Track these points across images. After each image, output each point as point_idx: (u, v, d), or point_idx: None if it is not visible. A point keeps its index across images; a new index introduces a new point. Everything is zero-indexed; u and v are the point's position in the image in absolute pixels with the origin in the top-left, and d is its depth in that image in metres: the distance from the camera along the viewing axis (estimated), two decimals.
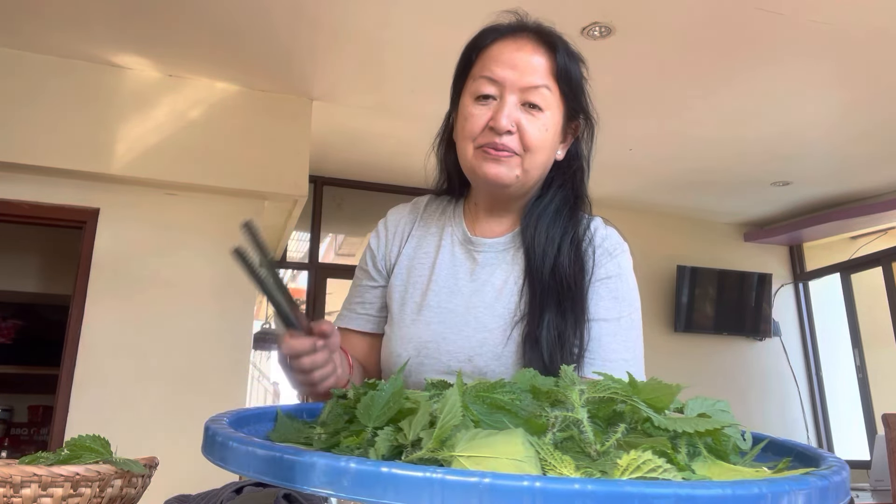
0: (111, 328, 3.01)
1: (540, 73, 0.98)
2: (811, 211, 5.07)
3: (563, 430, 0.52)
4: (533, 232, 1.02)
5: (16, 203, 3.05)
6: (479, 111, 0.98)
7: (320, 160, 4.24)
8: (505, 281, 1.02)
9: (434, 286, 1.05)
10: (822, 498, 0.44)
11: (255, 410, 0.67)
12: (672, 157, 4.19)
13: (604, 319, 0.99)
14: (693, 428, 0.51)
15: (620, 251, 1.04)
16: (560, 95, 1.00)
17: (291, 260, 4.79)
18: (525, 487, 0.37)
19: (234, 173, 3.28)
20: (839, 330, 5.21)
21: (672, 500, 0.39)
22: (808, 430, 5.16)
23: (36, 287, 4.50)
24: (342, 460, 0.41)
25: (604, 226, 1.07)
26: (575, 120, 1.05)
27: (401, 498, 0.39)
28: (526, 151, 0.97)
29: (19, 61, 3.07)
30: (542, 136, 0.98)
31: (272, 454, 0.45)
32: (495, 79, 0.97)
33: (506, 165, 0.98)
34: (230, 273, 3.25)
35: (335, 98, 3.52)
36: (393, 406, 0.57)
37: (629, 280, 1.03)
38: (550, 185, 1.05)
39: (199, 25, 2.87)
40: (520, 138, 0.97)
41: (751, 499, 0.40)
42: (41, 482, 0.75)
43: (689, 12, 2.72)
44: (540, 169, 1.01)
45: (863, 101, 3.45)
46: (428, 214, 1.14)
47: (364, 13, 2.75)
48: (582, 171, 1.08)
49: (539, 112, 0.97)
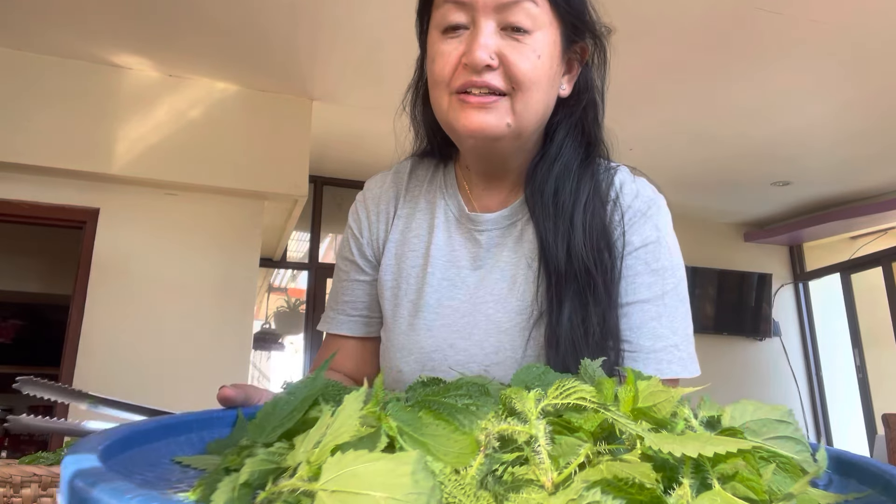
0: (111, 328, 3.00)
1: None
2: (811, 211, 5.07)
3: (511, 447, 0.40)
4: (539, 200, 0.81)
5: (16, 203, 3.05)
6: (448, 46, 0.76)
7: (320, 160, 4.24)
8: (516, 265, 0.83)
9: (431, 279, 0.86)
10: None
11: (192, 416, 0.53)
12: (672, 157, 4.19)
13: (644, 301, 0.80)
14: (697, 451, 0.35)
15: (656, 209, 0.83)
16: (552, 9, 0.77)
17: (291, 260, 4.79)
18: None
19: (234, 173, 3.28)
20: (839, 330, 5.20)
21: None
22: (809, 431, 5.16)
23: (36, 287, 4.50)
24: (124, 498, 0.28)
25: (632, 178, 0.86)
26: (579, 41, 0.83)
27: None
28: (516, 89, 0.75)
29: (19, 61, 3.07)
30: (533, 65, 0.75)
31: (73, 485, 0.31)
32: (461, 0, 0.75)
33: (492, 112, 0.75)
34: (230, 273, 3.25)
35: (335, 98, 3.52)
36: (295, 415, 0.46)
37: (669, 243, 0.83)
38: (556, 132, 0.83)
39: (199, 25, 2.87)
40: (504, 73, 0.75)
41: None
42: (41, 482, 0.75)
43: (690, 12, 2.72)
44: (537, 110, 0.78)
45: (863, 101, 3.45)
46: (414, 185, 0.93)
47: (364, 13, 2.75)
48: (595, 106, 0.86)
49: (525, 35, 0.75)
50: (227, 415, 0.56)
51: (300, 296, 4.82)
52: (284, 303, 4.91)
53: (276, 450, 0.42)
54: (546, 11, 0.76)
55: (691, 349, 0.83)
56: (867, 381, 4.96)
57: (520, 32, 0.75)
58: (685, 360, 0.81)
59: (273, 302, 5.26)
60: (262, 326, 4.71)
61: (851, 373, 5.06)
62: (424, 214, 0.90)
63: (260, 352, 5.06)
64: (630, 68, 3.16)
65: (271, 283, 5.48)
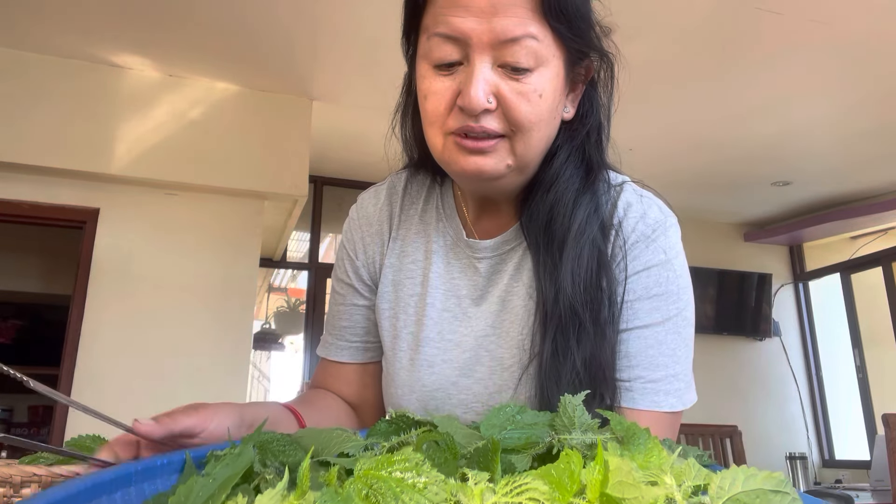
0: (111, 328, 3.00)
1: (518, 14, 0.66)
2: (811, 211, 5.06)
3: None
4: (532, 229, 0.76)
5: (16, 203, 3.05)
6: (441, 85, 0.69)
7: (320, 160, 4.24)
8: (516, 296, 0.78)
9: (430, 310, 0.81)
10: None
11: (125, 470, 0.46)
12: (672, 157, 4.19)
13: (643, 327, 0.74)
14: None
15: (662, 231, 0.77)
16: (555, 40, 0.69)
17: (291, 260, 4.79)
18: None
19: (234, 173, 3.28)
20: (839, 330, 5.20)
21: None
22: (809, 431, 5.16)
23: (36, 287, 4.50)
24: None
25: (638, 199, 0.79)
26: (584, 61, 0.76)
27: None
28: (516, 131, 0.69)
29: (19, 61, 3.07)
30: (534, 106, 0.69)
31: None
32: (455, 35, 0.67)
33: (491, 156, 0.70)
34: (230, 273, 3.25)
35: (335, 98, 3.52)
36: (215, 499, 0.40)
37: (676, 266, 0.76)
38: (555, 156, 0.77)
39: (199, 25, 2.87)
40: (503, 114, 0.68)
41: None
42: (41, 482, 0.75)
43: (690, 12, 2.72)
44: (540, 146, 0.73)
45: (863, 101, 3.45)
46: (409, 202, 0.87)
47: (364, 13, 2.75)
48: (598, 128, 0.81)
49: (526, 74, 0.68)
50: (174, 460, 0.49)
51: (300, 296, 4.82)
52: (284, 303, 4.91)
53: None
54: (548, 44, 0.69)
55: (689, 376, 0.78)
56: (867, 381, 4.95)
57: (520, 72, 0.68)
58: (682, 391, 0.76)
59: (273, 302, 5.26)
60: (262, 326, 4.71)
61: (851, 373, 5.06)
62: (421, 238, 0.85)
63: (260, 352, 5.06)
64: (630, 68, 3.15)
65: (271, 283, 5.48)
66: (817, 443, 5.17)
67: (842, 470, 4.70)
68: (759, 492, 0.36)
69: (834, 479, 4.26)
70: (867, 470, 3.92)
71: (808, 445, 5.07)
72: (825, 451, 5.15)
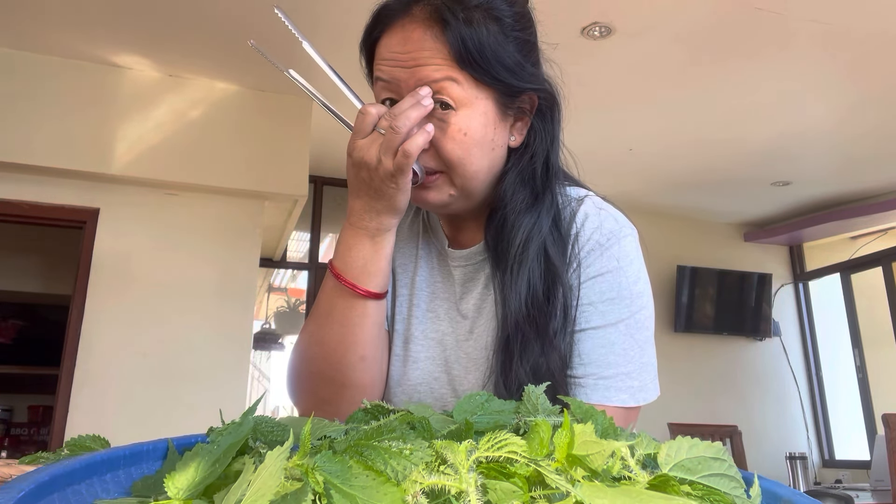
0: (111, 328, 3.00)
1: (435, 62, 0.75)
2: (811, 211, 5.06)
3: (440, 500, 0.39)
4: (493, 254, 0.84)
5: (16, 203, 3.05)
6: None
7: (320, 160, 4.24)
8: (487, 301, 0.86)
9: (416, 310, 0.90)
10: None
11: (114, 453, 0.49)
12: (672, 157, 4.19)
13: (595, 328, 0.80)
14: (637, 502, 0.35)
15: (616, 240, 0.82)
16: (476, 84, 0.76)
17: (291, 260, 4.79)
18: None
19: (234, 173, 3.28)
20: (839, 330, 5.20)
21: None
22: (809, 431, 5.16)
23: (36, 287, 4.49)
24: None
25: (596, 212, 0.84)
26: (521, 95, 0.81)
27: None
28: (448, 167, 0.77)
29: (19, 61, 3.07)
30: (461, 143, 0.76)
31: None
32: (389, 79, 0.80)
33: (432, 190, 0.79)
34: (230, 273, 3.25)
35: (335, 98, 3.51)
36: (217, 469, 0.42)
37: (629, 272, 0.81)
38: (503, 181, 0.83)
39: (199, 25, 2.87)
40: (435, 153, 0.76)
41: None
42: None
43: (689, 12, 2.72)
44: (478, 175, 0.79)
45: (863, 101, 3.45)
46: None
47: (364, 13, 2.75)
48: (542, 153, 0.84)
49: (450, 113, 0.75)
50: (158, 447, 0.53)
51: (300, 296, 4.82)
52: (284, 303, 4.91)
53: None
54: (470, 87, 0.76)
55: (646, 378, 0.82)
56: (867, 381, 4.95)
57: (445, 109, 0.75)
58: (635, 389, 0.80)
59: (273, 302, 5.26)
60: (262, 326, 4.71)
61: (851, 373, 5.06)
62: (410, 245, 0.93)
63: (260, 352, 5.06)
64: (630, 68, 3.16)
65: (271, 283, 5.48)
66: (817, 443, 5.17)
67: (842, 470, 4.70)
68: (701, 458, 0.42)
69: (834, 479, 4.26)
70: (867, 470, 3.92)
71: (808, 445, 5.07)
72: (825, 451, 5.15)
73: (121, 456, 0.48)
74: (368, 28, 0.87)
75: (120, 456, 0.48)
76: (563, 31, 2.83)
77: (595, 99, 3.43)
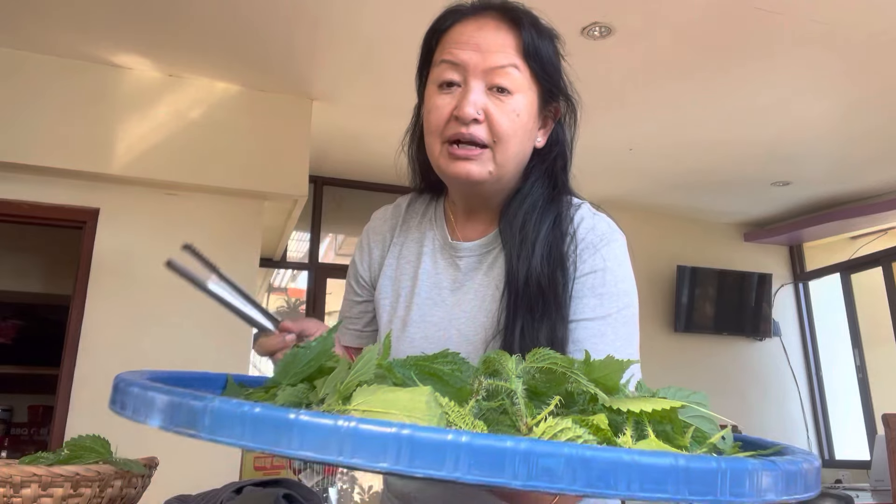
0: (111, 328, 3.01)
1: (505, 51, 0.89)
2: (811, 211, 5.07)
3: (494, 399, 0.50)
4: (509, 229, 0.94)
5: (16, 203, 3.05)
6: (442, 101, 0.90)
7: (320, 160, 4.24)
8: (487, 287, 0.96)
9: (417, 299, 0.99)
10: (787, 482, 0.42)
11: (196, 374, 0.63)
12: (672, 157, 4.19)
13: (587, 319, 0.90)
14: (639, 408, 0.47)
15: (605, 242, 0.93)
16: (531, 75, 0.91)
17: (291, 260, 4.79)
18: (392, 434, 0.36)
19: (234, 173, 3.28)
20: (839, 330, 5.20)
21: (562, 461, 0.36)
22: (809, 430, 5.16)
23: (36, 287, 4.50)
24: (244, 405, 0.39)
25: (591, 215, 0.96)
26: (553, 102, 0.97)
27: (306, 447, 0.37)
28: (496, 141, 0.89)
29: (19, 61, 3.07)
30: (512, 122, 0.89)
31: (171, 399, 0.43)
32: (457, 62, 0.89)
33: (476, 162, 0.90)
34: (230, 273, 3.24)
35: (335, 98, 3.52)
36: (313, 364, 0.56)
37: (617, 272, 0.92)
38: (529, 175, 0.97)
39: (199, 25, 2.87)
40: (488, 127, 0.89)
41: (705, 473, 0.38)
42: (41, 482, 0.75)
43: (689, 12, 2.72)
44: (515, 160, 0.92)
45: (863, 101, 3.45)
46: (409, 217, 1.08)
47: (364, 13, 2.75)
48: (563, 157, 0.99)
49: (508, 96, 0.89)
50: (221, 377, 0.66)
51: (300, 296, 4.82)
52: (284, 303, 4.92)
53: (300, 389, 0.50)
54: (526, 77, 0.91)
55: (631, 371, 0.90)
56: (867, 381, 4.96)
57: (504, 93, 0.89)
58: None
59: (273, 302, 5.26)
60: None
61: (851, 373, 5.06)
62: (415, 244, 1.04)
63: None
64: (630, 68, 3.16)
65: (271, 283, 5.48)
66: (817, 443, 5.17)
67: (842, 470, 4.69)
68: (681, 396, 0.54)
69: (834, 479, 4.26)
70: (867, 470, 3.92)
71: (808, 445, 5.07)
72: (825, 451, 5.15)
73: (196, 378, 0.61)
74: (439, 20, 0.96)
75: (195, 378, 0.61)
76: (563, 31, 2.83)
77: (595, 99, 3.43)
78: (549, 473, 0.37)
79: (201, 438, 0.41)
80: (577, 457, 0.37)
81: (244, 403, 0.39)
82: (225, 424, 0.40)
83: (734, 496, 0.39)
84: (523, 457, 0.37)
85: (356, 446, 0.36)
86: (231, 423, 0.40)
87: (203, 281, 0.79)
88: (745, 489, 0.40)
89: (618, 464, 0.37)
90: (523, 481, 0.37)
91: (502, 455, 0.37)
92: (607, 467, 0.37)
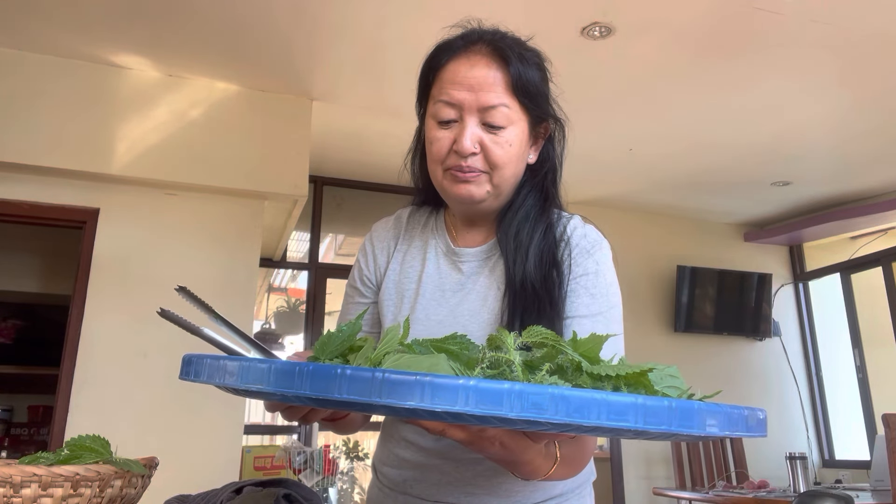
0: (111, 328, 3.00)
1: (496, 90, 0.98)
2: (811, 211, 5.07)
3: (494, 368, 0.61)
4: (505, 240, 1.04)
5: (16, 203, 3.05)
6: (442, 135, 1.00)
7: (320, 160, 4.24)
8: (488, 288, 1.04)
9: (422, 299, 1.07)
10: (729, 421, 0.53)
11: None
12: (672, 157, 4.19)
13: (581, 316, 1.00)
14: (615, 372, 0.58)
15: (597, 248, 1.04)
16: (521, 108, 1.00)
17: (291, 260, 4.79)
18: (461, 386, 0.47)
19: (234, 173, 3.28)
20: (839, 330, 5.20)
21: (547, 397, 0.46)
22: (809, 430, 5.16)
23: (36, 287, 4.50)
24: (299, 364, 0.49)
25: (582, 224, 1.07)
26: (543, 123, 1.06)
27: (352, 392, 0.47)
28: (493, 169, 0.99)
29: (19, 61, 3.07)
30: (506, 151, 0.99)
31: (240, 364, 0.54)
32: (453, 102, 0.98)
33: (475, 184, 1.00)
34: (230, 273, 3.25)
35: (335, 98, 3.52)
36: (346, 343, 0.69)
37: (607, 276, 1.03)
38: (521, 189, 1.07)
39: (199, 25, 2.87)
40: (484, 157, 0.98)
41: (659, 408, 0.49)
42: (41, 482, 0.75)
43: (689, 12, 2.72)
44: (510, 181, 1.02)
45: (863, 102, 3.45)
46: (411, 226, 1.17)
47: (364, 13, 2.75)
48: (553, 171, 1.09)
49: (500, 130, 0.98)
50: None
51: (300, 296, 4.81)
52: (284, 303, 4.91)
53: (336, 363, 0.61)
54: (516, 110, 0.99)
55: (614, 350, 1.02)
56: (867, 381, 4.96)
57: (496, 129, 0.98)
58: None
59: (273, 302, 5.26)
60: (262, 326, 4.71)
61: (851, 373, 5.06)
62: (418, 251, 1.13)
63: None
64: (630, 69, 3.16)
65: (271, 283, 5.48)
66: (817, 443, 5.17)
67: (842, 470, 4.69)
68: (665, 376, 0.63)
69: (834, 479, 4.26)
70: (867, 470, 3.92)
71: (808, 445, 5.07)
72: (825, 451, 5.15)
73: None
74: (433, 57, 1.04)
75: None
76: (563, 31, 2.84)
77: (595, 99, 3.43)
78: (537, 407, 0.47)
79: (266, 391, 0.51)
80: (558, 394, 0.47)
81: (298, 363, 0.50)
82: (286, 378, 0.50)
83: (682, 428, 0.50)
84: (518, 395, 0.47)
85: (389, 390, 0.46)
86: (290, 378, 0.50)
87: (197, 326, 0.80)
88: (692, 423, 0.51)
89: (590, 400, 0.48)
90: (518, 413, 0.46)
91: (500, 394, 0.47)
92: (582, 403, 0.48)
